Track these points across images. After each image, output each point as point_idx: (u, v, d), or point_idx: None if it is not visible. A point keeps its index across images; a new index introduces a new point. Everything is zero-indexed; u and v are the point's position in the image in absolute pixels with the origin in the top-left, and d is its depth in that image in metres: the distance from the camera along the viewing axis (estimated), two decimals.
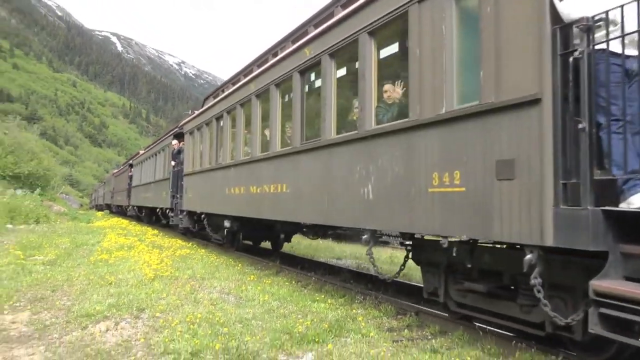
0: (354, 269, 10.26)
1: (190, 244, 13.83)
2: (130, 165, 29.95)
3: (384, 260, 12.41)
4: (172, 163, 16.30)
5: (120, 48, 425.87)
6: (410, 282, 8.21)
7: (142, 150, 27.39)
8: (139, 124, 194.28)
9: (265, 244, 13.57)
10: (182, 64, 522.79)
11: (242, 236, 12.08)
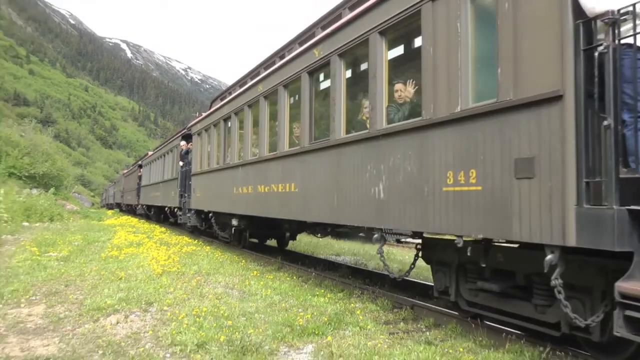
0: (352, 265, 10.16)
1: (196, 241, 13.72)
2: (139, 165, 29.65)
3: None
4: (180, 163, 16.05)
5: (129, 54, 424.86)
6: (407, 278, 8.00)
7: (151, 151, 27.09)
8: (148, 127, 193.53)
9: (270, 242, 13.33)
10: (189, 70, 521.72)
11: (249, 234, 11.80)
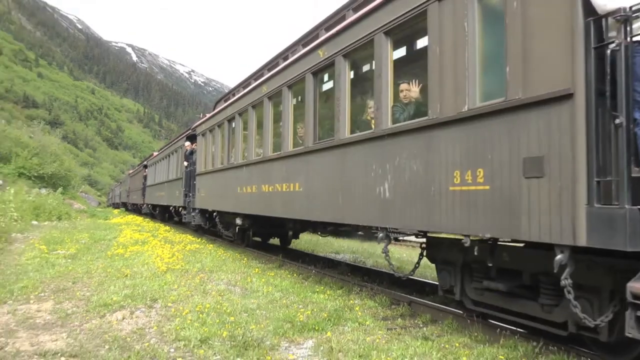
0: (351, 263, 10.10)
1: (199, 240, 13.66)
2: (144, 166, 29.52)
3: (379, 254, 12.12)
4: (185, 163, 15.91)
5: (135, 58, 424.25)
6: (401, 275, 7.94)
7: (156, 152, 26.96)
8: (152, 128, 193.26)
9: (273, 241, 13.21)
10: (192, 73, 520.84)
11: (252, 233, 11.67)
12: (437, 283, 7.10)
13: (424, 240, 5.38)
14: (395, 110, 5.17)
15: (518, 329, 4.49)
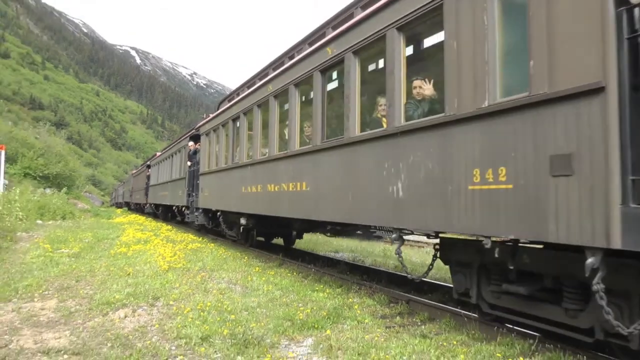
0: (350, 262, 9.91)
1: (201, 239, 13.46)
2: (147, 166, 29.22)
3: (377, 253, 12.11)
4: (189, 163, 15.63)
5: (138, 61, 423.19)
6: (400, 274, 7.81)
7: (159, 152, 26.67)
8: (155, 129, 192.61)
9: (276, 240, 12.95)
10: (194, 75, 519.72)
11: (256, 233, 11.40)
12: (437, 283, 6.91)
13: (437, 241, 5.11)
14: (408, 107, 4.90)
15: (515, 327, 4.37)
